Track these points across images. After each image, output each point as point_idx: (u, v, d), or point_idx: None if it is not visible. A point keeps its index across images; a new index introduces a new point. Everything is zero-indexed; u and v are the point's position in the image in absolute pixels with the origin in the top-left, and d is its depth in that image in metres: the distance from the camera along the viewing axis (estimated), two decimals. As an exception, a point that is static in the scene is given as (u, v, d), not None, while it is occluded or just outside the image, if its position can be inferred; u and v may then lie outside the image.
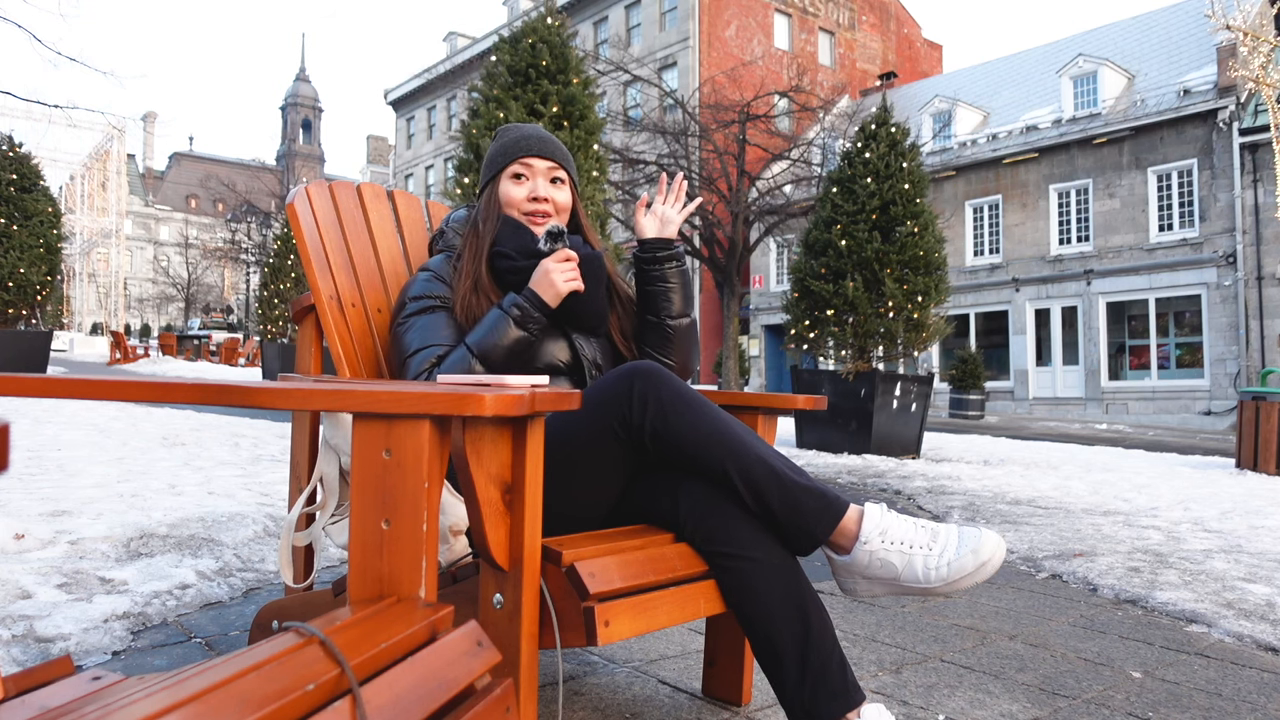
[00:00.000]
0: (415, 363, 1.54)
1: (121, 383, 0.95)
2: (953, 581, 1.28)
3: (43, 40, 11.81)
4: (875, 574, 1.32)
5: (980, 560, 1.27)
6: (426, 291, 1.62)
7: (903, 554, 1.30)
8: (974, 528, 1.33)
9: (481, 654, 0.84)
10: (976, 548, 1.28)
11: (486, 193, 1.77)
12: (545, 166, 1.75)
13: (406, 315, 1.61)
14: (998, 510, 4.44)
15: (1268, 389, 7.18)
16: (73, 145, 30.35)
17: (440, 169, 39.52)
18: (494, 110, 7.31)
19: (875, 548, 1.31)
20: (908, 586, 1.31)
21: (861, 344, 7.72)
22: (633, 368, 1.36)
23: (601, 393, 1.36)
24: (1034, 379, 21.95)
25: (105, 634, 1.90)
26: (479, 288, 1.64)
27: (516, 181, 1.74)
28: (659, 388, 1.33)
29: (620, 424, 1.34)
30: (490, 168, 1.77)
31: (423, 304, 1.61)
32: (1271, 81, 10.73)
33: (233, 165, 74.40)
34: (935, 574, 1.28)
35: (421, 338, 1.56)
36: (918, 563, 1.29)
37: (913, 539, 1.31)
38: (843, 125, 20.12)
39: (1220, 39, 18.79)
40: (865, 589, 1.35)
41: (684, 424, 1.32)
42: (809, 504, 1.32)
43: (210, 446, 5.33)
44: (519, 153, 1.74)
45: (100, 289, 34.00)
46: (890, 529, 1.32)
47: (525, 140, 1.76)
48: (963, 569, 1.28)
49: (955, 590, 1.30)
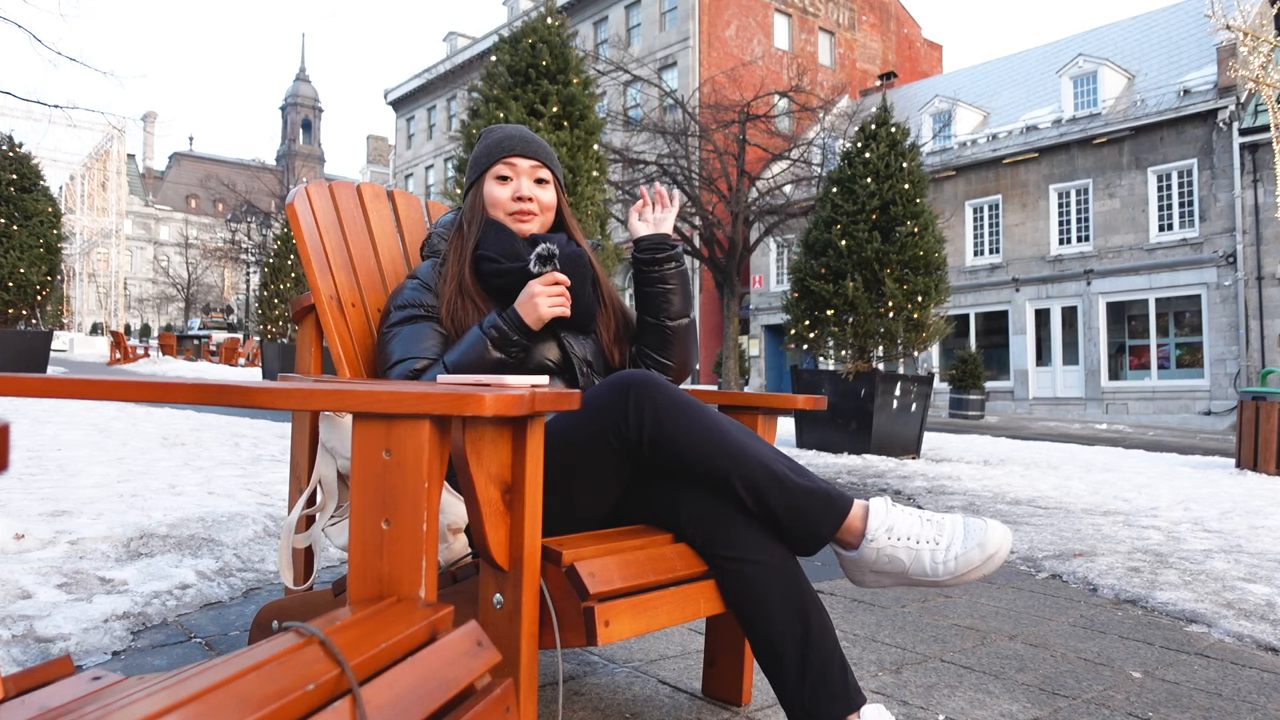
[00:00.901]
0: (395, 375, 1.55)
1: (121, 383, 0.95)
2: (960, 574, 1.30)
3: (43, 40, 11.82)
4: (883, 569, 1.34)
5: (987, 554, 1.29)
6: (411, 300, 1.62)
7: (910, 549, 1.31)
8: (979, 519, 1.34)
9: (481, 654, 0.84)
10: (983, 541, 1.29)
11: (471, 194, 1.77)
12: (529, 166, 1.74)
13: (391, 324, 1.61)
14: (998, 510, 4.44)
15: (1268, 389, 7.18)
16: (73, 145, 30.38)
17: (440, 169, 39.53)
18: (494, 110, 7.31)
19: (882, 544, 1.32)
20: (916, 579, 1.32)
21: (861, 344, 7.72)
22: (627, 377, 1.35)
23: (597, 401, 1.35)
24: (1034, 379, 21.95)
25: (105, 634, 1.90)
26: (463, 291, 1.63)
27: (501, 182, 1.73)
28: (655, 396, 1.32)
29: (616, 435, 1.33)
30: (474, 169, 1.77)
31: (407, 313, 1.61)
32: (1271, 81, 10.73)
33: (233, 165, 74.39)
34: (943, 568, 1.30)
35: (403, 348, 1.56)
36: (925, 557, 1.31)
37: (919, 533, 1.32)
38: (843, 125, 20.12)
39: (1220, 39, 18.79)
40: (874, 581, 1.37)
41: (681, 432, 1.32)
42: (812, 506, 1.32)
43: (210, 446, 5.33)
44: (502, 153, 1.74)
45: (100, 289, 34.01)
46: (896, 525, 1.33)
47: (509, 140, 1.76)
48: (970, 562, 1.29)
49: (963, 582, 1.32)
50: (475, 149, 1.81)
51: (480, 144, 1.80)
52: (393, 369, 1.56)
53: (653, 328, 1.73)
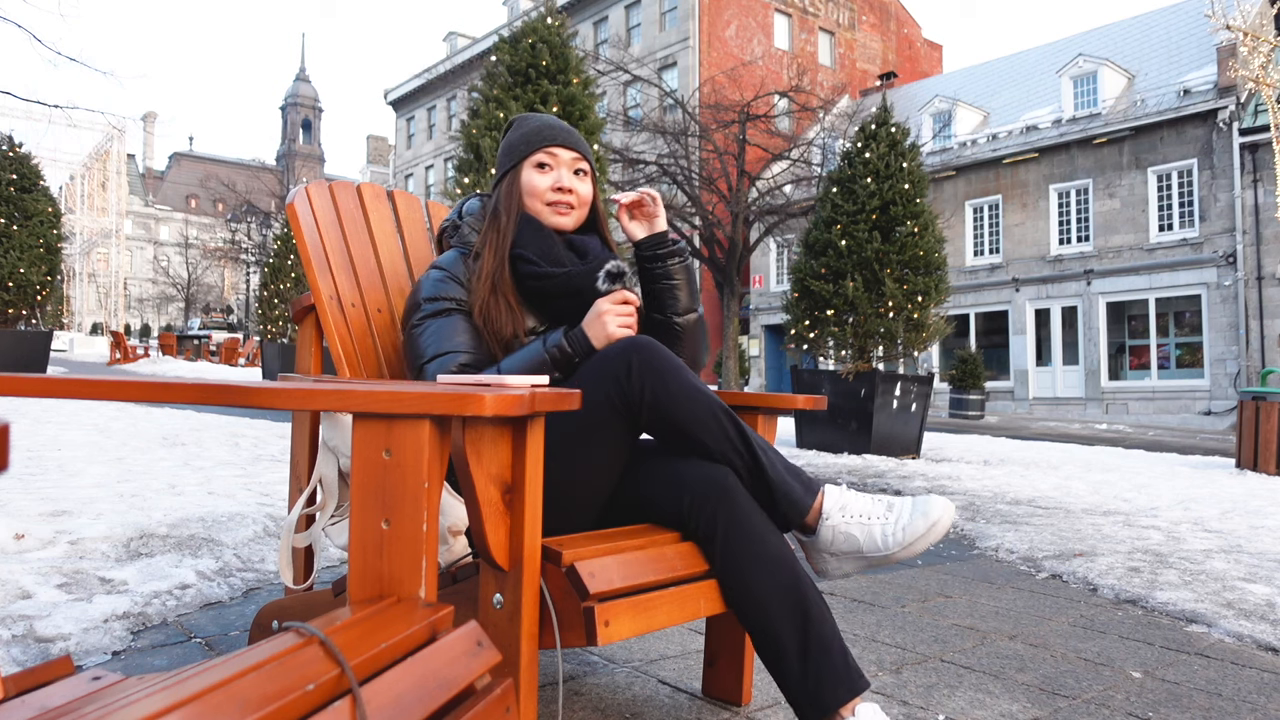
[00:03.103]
0: (432, 370, 1.50)
1: (121, 383, 0.95)
2: (909, 544, 1.37)
3: (43, 40, 11.83)
4: (840, 548, 1.40)
5: (931, 521, 1.37)
6: (439, 293, 1.57)
7: (862, 525, 1.39)
8: (924, 496, 1.42)
9: (481, 654, 0.84)
10: (926, 510, 1.37)
11: (505, 182, 1.69)
12: (570, 157, 1.69)
13: (421, 317, 1.56)
14: (998, 510, 4.44)
15: (1268, 389, 7.18)
16: (73, 145, 30.41)
17: (440, 169, 39.53)
18: (494, 110, 7.31)
19: (836, 522, 1.39)
20: (870, 556, 1.39)
21: (861, 344, 7.72)
22: (631, 342, 1.40)
23: (602, 364, 1.39)
24: (1034, 379, 21.95)
25: (105, 634, 1.90)
26: (498, 290, 1.59)
27: (540, 170, 1.67)
28: (656, 360, 1.37)
29: (619, 395, 1.37)
30: (510, 156, 1.70)
31: (438, 305, 1.56)
32: (1271, 81, 10.73)
33: (233, 165, 74.35)
34: (893, 539, 1.37)
35: (436, 344, 1.52)
36: (876, 531, 1.38)
37: (870, 511, 1.40)
38: (843, 125, 20.11)
39: (1220, 39, 18.79)
40: (835, 566, 1.42)
41: (681, 394, 1.37)
42: (795, 482, 1.40)
43: (210, 446, 5.33)
44: (543, 141, 1.68)
45: (100, 289, 34.02)
46: (849, 504, 1.41)
47: (550, 129, 1.69)
48: (916, 531, 1.37)
49: (912, 553, 1.38)
50: (510, 135, 1.73)
51: (516, 131, 1.73)
52: (429, 364, 1.51)
53: (661, 324, 1.69)
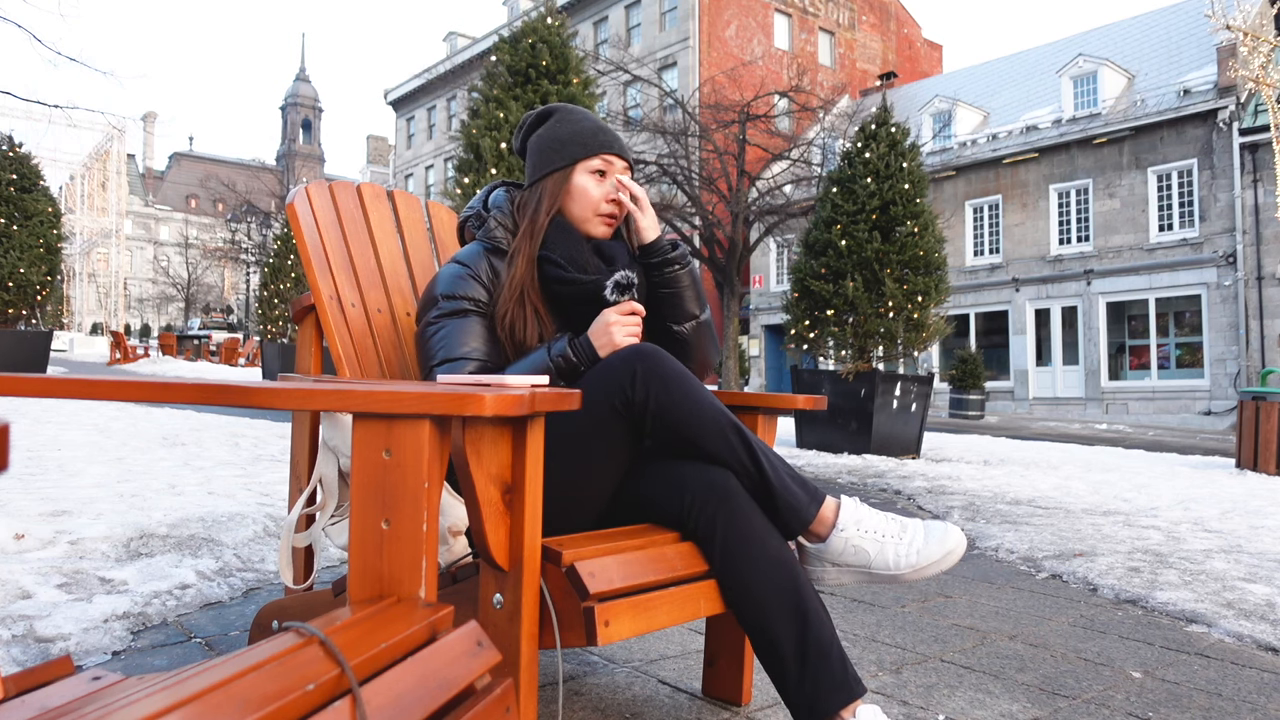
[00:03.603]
0: (437, 374, 1.48)
1: (121, 383, 0.95)
2: (920, 568, 1.37)
3: (43, 40, 11.82)
4: (848, 561, 1.39)
5: (946, 549, 1.37)
6: (457, 291, 1.53)
7: (876, 541, 1.38)
8: (939, 522, 1.42)
9: (481, 654, 0.84)
10: (943, 538, 1.38)
11: (552, 180, 1.61)
12: (622, 166, 1.63)
13: (436, 315, 1.52)
14: (998, 510, 4.44)
15: (1268, 389, 7.18)
16: (73, 145, 30.41)
17: (440, 169, 39.52)
18: (494, 110, 7.31)
19: (851, 535, 1.39)
20: (877, 574, 1.38)
21: (861, 344, 7.72)
22: (635, 350, 1.39)
23: (606, 371, 1.39)
24: (1034, 379, 21.95)
25: (105, 634, 1.90)
26: (525, 298, 1.54)
27: (597, 178, 1.61)
28: (661, 367, 1.37)
29: (622, 402, 1.36)
30: (561, 155, 1.61)
31: (455, 305, 1.52)
32: (1271, 81, 10.73)
33: (233, 165, 74.34)
34: (905, 561, 1.37)
35: (448, 347, 1.49)
36: (889, 550, 1.38)
37: (884, 529, 1.40)
38: (843, 125, 20.09)
39: (1220, 39, 18.79)
40: (834, 577, 1.42)
41: (686, 401, 1.37)
42: (799, 490, 1.40)
43: (210, 446, 5.33)
44: (601, 148, 1.61)
45: (100, 289, 34.03)
46: (864, 519, 1.40)
47: (607, 134, 1.63)
48: (930, 557, 1.37)
49: (920, 577, 1.38)
50: (555, 130, 1.64)
51: (564, 126, 1.63)
52: (439, 367, 1.48)
53: (662, 331, 1.66)
